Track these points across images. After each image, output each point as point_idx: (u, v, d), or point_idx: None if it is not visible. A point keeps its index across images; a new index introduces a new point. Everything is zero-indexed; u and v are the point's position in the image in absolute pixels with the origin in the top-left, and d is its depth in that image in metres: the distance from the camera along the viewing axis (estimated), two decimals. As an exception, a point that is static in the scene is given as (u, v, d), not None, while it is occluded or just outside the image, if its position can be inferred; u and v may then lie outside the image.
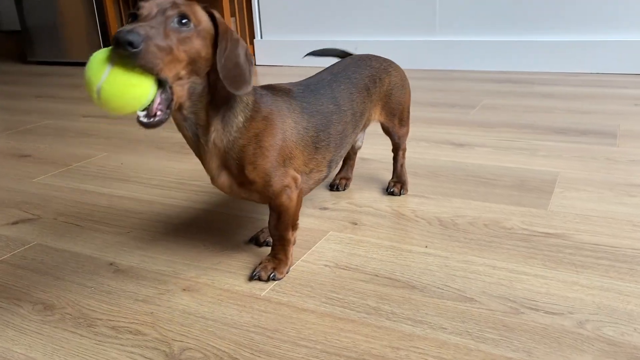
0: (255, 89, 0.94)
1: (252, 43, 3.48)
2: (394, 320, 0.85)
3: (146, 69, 0.72)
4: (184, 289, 0.96)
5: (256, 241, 1.11)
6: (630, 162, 1.46)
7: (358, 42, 3.12)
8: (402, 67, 1.29)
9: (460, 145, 1.67)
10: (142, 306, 0.92)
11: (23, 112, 2.49)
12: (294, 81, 1.06)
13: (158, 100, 0.76)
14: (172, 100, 0.78)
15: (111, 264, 1.07)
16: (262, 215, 1.24)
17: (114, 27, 3.65)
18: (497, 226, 1.14)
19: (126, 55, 0.70)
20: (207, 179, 1.49)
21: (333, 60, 1.24)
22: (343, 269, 1.00)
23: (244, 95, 0.89)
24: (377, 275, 0.97)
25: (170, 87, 0.77)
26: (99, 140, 1.94)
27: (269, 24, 3.41)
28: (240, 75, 0.84)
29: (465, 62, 2.91)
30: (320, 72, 1.12)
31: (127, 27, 0.71)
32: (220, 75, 0.82)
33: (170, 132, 1.99)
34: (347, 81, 1.09)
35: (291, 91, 1.00)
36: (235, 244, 1.12)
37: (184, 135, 0.90)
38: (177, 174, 1.55)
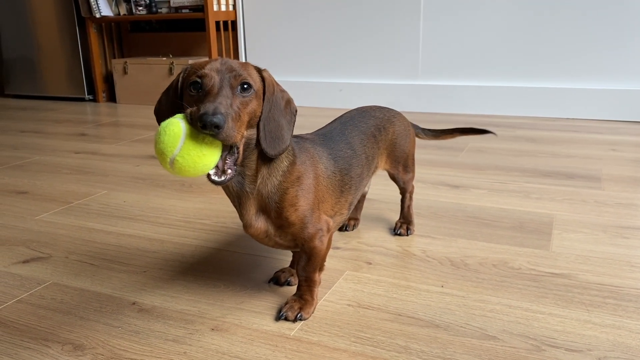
0: None
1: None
2: (425, 359, 0.88)
3: (226, 142, 0.80)
4: (213, 329, 0.98)
5: (276, 281, 1.13)
6: (618, 205, 1.55)
7: (343, 84, 3.21)
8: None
9: (455, 187, 1.74)
10: (174, 346, 0.93)
11: (10, 147, 2.46)
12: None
13: (228, 161, 0.83)
14: (238, 158, 0.85)
15: (134, 303, 1.07)
16: (276, 255, 1.27)
17: (97, 64, 3.66)
18: (505, 266, 1.19)
19: (212, 134, 0.77)
20: (214, 217, 1.52)
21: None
22: (366, 308, 1.03)
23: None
24: (400, 315, 1.01)
25: (238, 149, 0.84)
26: (95, 178, 1.94)
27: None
28: (279, 138, 0.89)
29: (447, 106, 3.03)
30: (329, 124, 1.17)
31: (209, 107, 0.76)
32: (261, 138, 0.87)
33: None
34: (356, 129, 1.15)
35: (315, 139, 1.05)
36: (255, 283, 1.14)
37: (226, 186, 0.93)
38: (182, 213, 1.57)
